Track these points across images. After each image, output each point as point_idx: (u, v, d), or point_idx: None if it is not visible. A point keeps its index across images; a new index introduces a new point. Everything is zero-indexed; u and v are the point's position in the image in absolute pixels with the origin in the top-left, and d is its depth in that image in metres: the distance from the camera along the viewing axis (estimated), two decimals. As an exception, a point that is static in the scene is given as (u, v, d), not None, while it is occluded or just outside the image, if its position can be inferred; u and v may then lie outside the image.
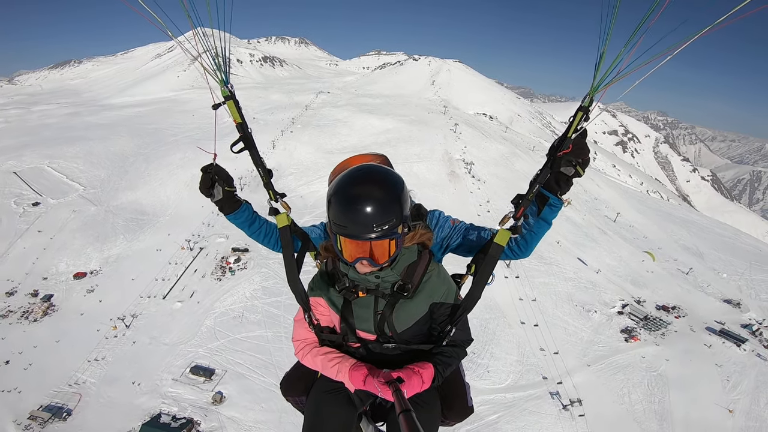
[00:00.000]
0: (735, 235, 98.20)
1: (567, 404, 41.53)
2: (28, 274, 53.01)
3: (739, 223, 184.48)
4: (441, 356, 2.07)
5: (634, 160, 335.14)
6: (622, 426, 40.17)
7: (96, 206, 69.01)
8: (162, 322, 46.28)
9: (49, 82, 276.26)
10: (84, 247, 58.04)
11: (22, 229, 61.73)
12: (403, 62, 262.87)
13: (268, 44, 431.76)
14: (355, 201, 1.81)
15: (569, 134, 1.97)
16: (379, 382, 1.82)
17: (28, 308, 47.82)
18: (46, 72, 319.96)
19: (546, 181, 2.11)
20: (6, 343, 43.42)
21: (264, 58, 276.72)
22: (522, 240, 2.33)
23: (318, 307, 2.24)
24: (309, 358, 2.21)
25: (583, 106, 1.90)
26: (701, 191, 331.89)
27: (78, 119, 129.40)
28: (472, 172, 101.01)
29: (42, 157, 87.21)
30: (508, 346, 47.65)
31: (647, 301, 57.88)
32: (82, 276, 53.26)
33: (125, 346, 43.33)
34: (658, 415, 41.47)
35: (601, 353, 48.31)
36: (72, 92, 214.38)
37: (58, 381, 39.37)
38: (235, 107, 2.27)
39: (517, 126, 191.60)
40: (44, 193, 72.77)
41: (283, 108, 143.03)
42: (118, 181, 79.02)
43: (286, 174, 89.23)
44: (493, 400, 41.81)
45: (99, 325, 45.47)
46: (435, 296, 2.12)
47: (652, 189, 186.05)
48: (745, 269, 71.67)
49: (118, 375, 40.12)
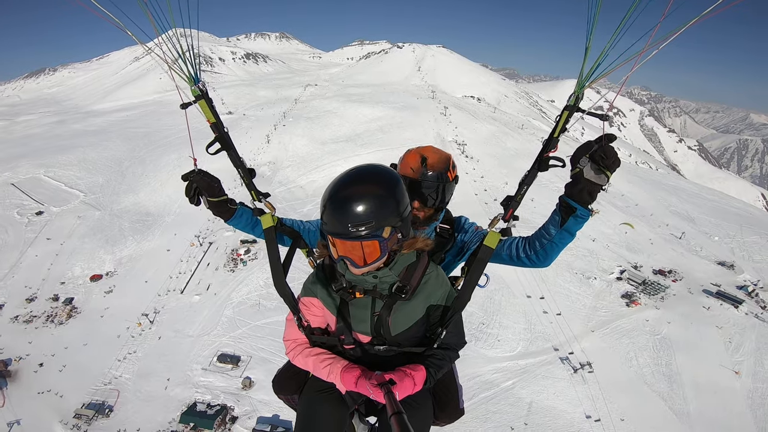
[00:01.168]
0: (724, 199, 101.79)
1: (577, 368, 43.72)
2: (45, 279, 53.89)
3: (729, 190, 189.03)
4: (433, 359, 2.07)
5: (621, 133, 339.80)
6: (633, 387, 42.13)
7: (100, 211, 69.52)
8: (183, 315, 47.80)
9: (26, 92, 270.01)
10: (95, 250, 58.90)
11: (30, 237, 62.19)
12: (388, 50, 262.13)
13: (248, 41, 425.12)
14: (335, 199, 1.81)
15: (556, 134, 1.97)
16: (371, 384, 1.81)
17: (52, 312, 48.97)
18: (21, 82, 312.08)
19: (576, 191, 2.01)
20: (36, 346, 44.62)
21: (247, 55, 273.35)
22: (541, 250, 2.26)
23: (311, 308, 2.21)
24: (300, 358, 2.19)
25: (569, 105, 1.89)
26: (689, 160, 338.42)
27: (64, 127, 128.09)
28: (465, 152, 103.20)
29: (37, 166, 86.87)
30: (515, 316, 49.82)
31: (644, 266, 60.54)
32: (98, 278, 54.35)
33: (152, 341, 44.88)
34: (667, 377, 43.40)
35: (604, 319, 50.67)
36: (52, 101, 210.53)
37: (94, 379, 40.83)
38: (208, 106, 2.17)
39: (505, 106, 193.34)
40: (46, 202, 72.92)
41: (272, 103, 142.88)
42: (117, 186, 79.33)
43: (284, 166, 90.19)
44: (506, 367, 44.02)
45: (124, 323, 46.86)
46: (433, 299, 2.11)
47: (640, 160, 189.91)
48: (736, 232, 74.59)
49: (150, 369, 41.69)
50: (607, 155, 1.86)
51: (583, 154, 1.93)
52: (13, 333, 46.50)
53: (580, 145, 1.94)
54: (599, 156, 1.86)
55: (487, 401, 40.37)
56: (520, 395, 41.23)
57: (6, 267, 56.49)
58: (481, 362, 43.56)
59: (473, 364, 43.09)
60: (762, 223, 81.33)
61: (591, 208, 2.06)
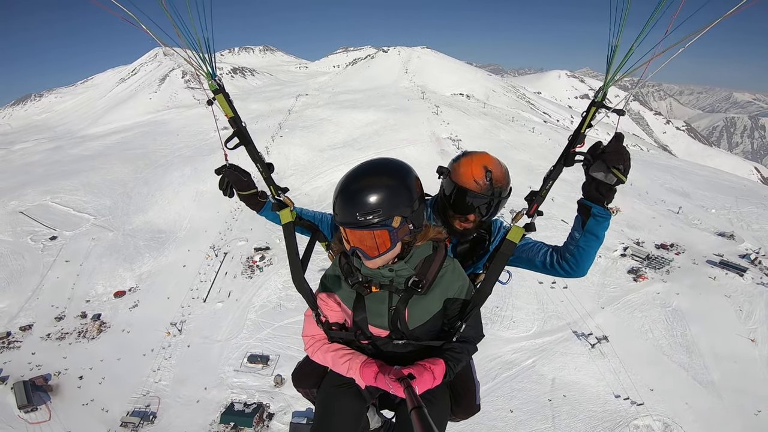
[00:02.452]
0: (716, 174, 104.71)
1: (595, 343, 45.29)
2: (70, 299, 55.55)
3: (722, 166, 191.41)
4: (451, 352, 2.05)
5: (609, 119, 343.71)
6: (653, 359, 43.54)
7: (113, 232, 70.86)
8: (209, 322, 49.47)
9: (15, 119, 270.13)
10: (114, 268, 60.34)
11: (49, 261, 63.52)
12: (374, 55, 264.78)
13: (232, 56, 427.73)
14: (346, 190, 1.85)
15: (582, 129, 1.97)
16: (390, 379, 1.82)
17: (82, 328, 50.76)
18: (9, 109, 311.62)
19: (587, 190, 2.07)
20: (71, 361, 46.26)
21: (234, 70, 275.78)
22: (572, 258, 2.27)
23: (329, 303, 2.22)
24: (319, 354, 2.21)
25: (596, 101, 1.91)
26: (679, 140, 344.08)
27: (63, 153, 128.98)
28: (460, 147, 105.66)
29: (42, 193, 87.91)
30: (527, 297, 51.59)
31: (645, 241, 62.66)
32: (122, 294, 55.91)
33: (182, 349, 46.50)
34: (685, 348, 44.72)
35: (614, 294, 52.50)
36: (44, 127, 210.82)
37: (133, 388, 42.47)
38: (226, 101, 2.21)
39: (494, 101, 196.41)
40: (57, 227, 74.09)
41: (266, 115, 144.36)
42: (125, 207, 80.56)
43: (287, 176, 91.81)
44: (525, 347, 45.79)
45: (153, 334, 48.47)
46: (450, 292, 2.10)
47: (631, 143, 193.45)
48: (732, 203, 76.67)
49: (185, 375, 43.38)
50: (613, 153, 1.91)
51: (593, 154, 1.99)
52: (47, 350, 48.27)
53: (592, 145, 2.02)
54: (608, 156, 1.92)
55: (510, 380, 42.18)
56: (542, 372, 42.95)
57: (29, 290, 58.10)
58: (499, 343, 45.35)
59: (492, 346, 44.88)
60: (756, 194, 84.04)
61: (610, 207, 2.09)
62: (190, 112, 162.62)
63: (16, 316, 54.16)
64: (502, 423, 38.30)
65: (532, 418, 38.88)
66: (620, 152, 1.91)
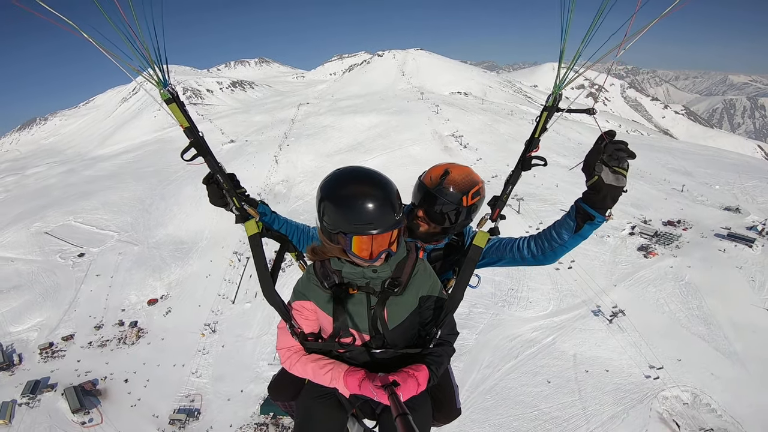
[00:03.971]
0: (718, 153, 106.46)
1: (611, 318, 46.89)
2: (106, 308, 58.37)
3: (725, 146, 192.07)
4: (432, 356, 2.11)
5: (607, 107, 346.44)
6: (672, 332, 44.73)
7: (138, 246, 73.70)
8: (240, 322, 52.11)
9: (23, 144, 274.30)
10: (144, 279, 63.14)
11: (80, 276, 66.45)
12: (369, 60, 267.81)
13: (228, 70, 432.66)
14: (369, 197, 1.82)
15: (537, 134, 1.96)
16: (374, 386, 1.85)
17: (121, 335, 53.57)
18: (16, 134, 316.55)
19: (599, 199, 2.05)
20: (115, 366, 48.96)
21: (233, 84, 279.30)
22: (551, 252, 2.34)
23: (304, 312, 2.19)
24: (298, 366, 2.19)
25: (548, 106, 1.89)
26: (679, 124, 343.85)
27: (77, 175, 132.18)
28: (462, 143, 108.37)
29: (64, 214, 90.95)
30: (541, 278, 53.44)
31: (652, 219, 64.46)
32: (155, 302, 58.72)
33: (218, 348, 49.06)
34: (702, 320, 45.67)
35: (626, 271, 54.14)
36: (53, 151, 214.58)
37: (176, 388, 45.05)
38: (180, 110, 2.01)
39: (491, 96, 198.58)
40: (83, 244, 77.01)
41: (270, 126, 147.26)
42: (146, 222, 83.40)
43: (297, 182, 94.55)
44: (543, 325, 47.57)
45: (188, 336, 51.16)
46: (423, 290, 2.17)
47: (631, 129, 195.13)
48: (735, 179, 78.23)
49: (223, 372, 45.83)
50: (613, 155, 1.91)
51: (595, 160, 1.97)
52: (90, 357, 50.99)
53: (590, 150, 2.01)
54: (613, 158, 1.92)
55: (532, 357, 44.02)
56: (563, 349, 44.53)
57: (65, 303, 61.05)
58: (518, 323, 47.35)
59: (512, 326, 46.91)
60: (759, 169, 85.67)
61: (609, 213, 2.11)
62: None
63: (57, 328, 56.93)
64: (529, 398, 40.07)
65: (558, 391, 40.44)
66: (620, 150, 1.90)
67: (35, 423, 42.32)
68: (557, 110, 1.86)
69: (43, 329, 57.09)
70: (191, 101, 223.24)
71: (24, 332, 57.22)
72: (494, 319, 48.46)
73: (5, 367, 50.81)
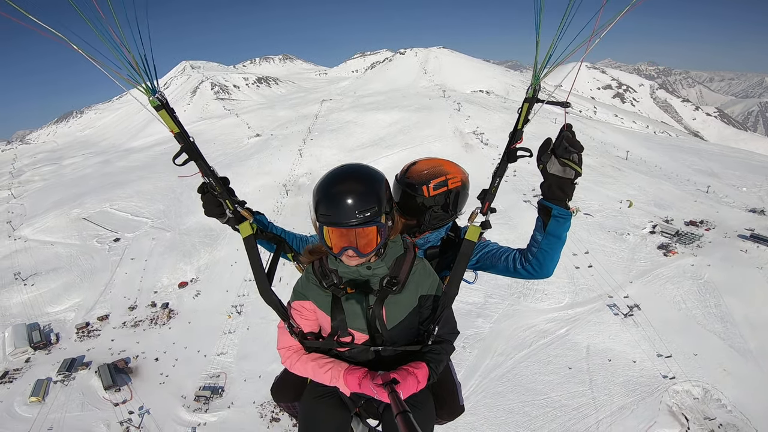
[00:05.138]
0: (748, 155, 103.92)
1: (627, 312, 47.47)
2: (140, 290, 62.09)
3: (757, 149, 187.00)
4: (432, 354, 2.11)
5: (635, 108, 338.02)
6: (687, 328, 45.27)
7: (170, 232, 77.73)
8: (265, 305, 53.57)
9: (60, 136, 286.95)
10: (176, 263, 66.84)
11: (116, 260, 70.74)
12: (391, 58, 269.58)
13: (253, 66, 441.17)
14: (338, 191, 1.88)
15: (519, 126, 1.96)
16: (374, 385, 1.85)
17: (153, 316, 56.90)
18: (53, 126, 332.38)
19: (546, 188, 2.08)
20: (146, 345, 52.13)
21: (259, 80, 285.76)
22: (534, 260, 2.27)
23: (303, 311, 2.22)
24: (299, 365, 2.20)
25: (528, 97, 1.89)
26: (710, 126, 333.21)
27: (112, 166, 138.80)
28: (483, 140, 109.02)
29: (101, 201, 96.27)
30: (557, 272, 52.77)
31: (675, 219, 64.17)
32: (185, 285, 62.25)
33: (243, 329, 51.96)
34: (719, 318, 46.08)
35: (644, 268, 54.52)
36: (88, 143, 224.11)
37: (203, 367, 47.91)
38: (170, 116, 1.96)
39: (514, 95, 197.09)
40: (118, 230, 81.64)
41: (294, 121, 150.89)
42: (177, 210, 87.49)
43: (320, 175, 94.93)
44: (558, 317, 48.51)
45: (216, 318, 54.23)
46: (422, 289, 2.17)
47: (659, 130, 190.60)
48: (763, 182, 76.88)
49: (247, 352, 48.55)
50: (565, 144, 1.94)
51: (544, 151, 2.03)
52: (124, 337, 54.31)
53: (542, 143, 2.03)
54: (560, 149, 1.95)
55: (546, 347, 45.07)
56: (576, 340, 45.48)
57: (101, 285, 65.03)
58: (533, 314, 48.41)
59: (526, 317, 48.01)
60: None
61: (570, 206, 2.10)
62: (222, 122, 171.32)
63: (93, 308, 60.65)
64: (541, 385, 41.22)
65: (569, 381, 41.51)
66: (569, 144, 1.95)
67: (69, 400, 44.80)
68: (537, 101, 1.89)
69: (80, 310, 60.66)
70: (219, 96, 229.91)
71: (62, 312, 60.75)
72: (509, 310, 49.61)
73: (42, 346, 53.41)
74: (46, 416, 42.90)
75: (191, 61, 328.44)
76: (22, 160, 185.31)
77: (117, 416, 42.67)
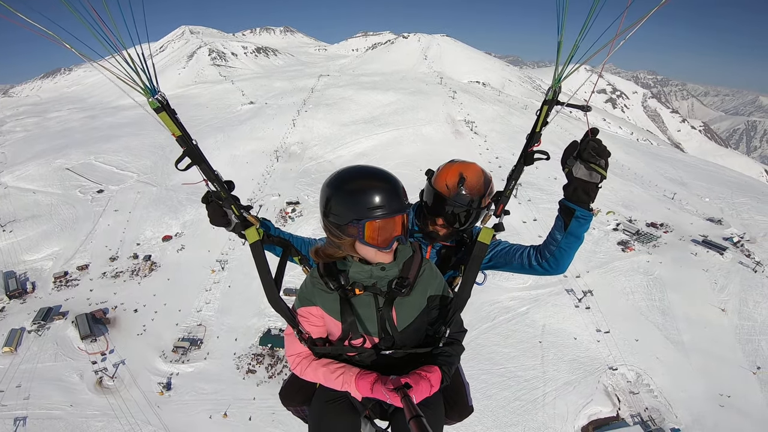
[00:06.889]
0: (719, 170, 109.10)
1: (581, 297, 51.65)
2: (122, 241, 63.16)
3: (732, 166, 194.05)
4: (443, 356, 2.08)
5: (624, 114, 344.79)
6: (631, 316, 49.60)
7: (156, 187, 78.66)
8: (248, 261, 55.23)
9: (45, 91, 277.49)
10: (161, 216, 68.13)
11: (99, 210, 71.50)
12: (393, 41, 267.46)
13: (253, 36, 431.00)
14: (379, 183, 1.84)
15: (537, 128, 1.96)
16: (387, 389, 1.82)
17: (135, 268, 57.77)
18: (38, 82, 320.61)
19: (571, 191, 2.08)
20: (126, 297, 52.91)
21: (258, 49, 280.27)
22: (552, 258, 2.31)
23: (310, 317, 2.13)
24: (309, 371, 2.15)
25: (548, 99, 1.89)
26: (692, 139, 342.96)
27: (99, 121, 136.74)
28: (473, 129, 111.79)
29: (86, 153, 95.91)
30: None
31: (638, 220, 68.49)
32: (169, 238, 63.63)
33: (225, 284, 54.04)
34: (661, 311, 50.62)
35: (602, 260, 58.69)
36: (76, 99, 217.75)
37: (183, 319, 49.48)
38: (171, 118, 1.93)
39: (509, 90, 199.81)
40: (103, 182, 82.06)
41: (290, 93, 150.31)
42: (164, 167, 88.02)
43: (311, 145, 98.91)
44: (521, 296, 52.45)
45: (199, 272, 55.91)
46: (431, 289, 2.15)
47: (642, 138, 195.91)
48: (728, 195, 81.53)
49: (228, 306, 50.68)
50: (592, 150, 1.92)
51: (570, 154, 2.02)
52: (103, 287, 54.95)
53: (567, 145, 2.03)
54: (587, 153, 1.94)
55: (507, 322, 48.93)
56: (534, 318, 49.52)
57: (82, 235, 65.79)
58: (499, 291, 52.01)
59: (493, 293, 51.53)
60: (755, 189, 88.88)
61: (592, 207, 2.12)
62: (216, 87, 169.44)
63: (72, 258, 60.84)
64: (499, 356, 45.07)
65: (524, 354, 45.49)
66: (597, 148, 1.93)
67: (41, 350, 44.54)
68: (557, 104, 1.89)
69: (59, 259, 60.37)
70: (216, 63, 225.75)
71: (39, 261, 60.24)
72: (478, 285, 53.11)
73: (18, 294, 51.99)
74: (17, 367, 42.29)
75: (190, 26, 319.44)
76: (4, 111, 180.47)
77: (91, 366, 42.85)
